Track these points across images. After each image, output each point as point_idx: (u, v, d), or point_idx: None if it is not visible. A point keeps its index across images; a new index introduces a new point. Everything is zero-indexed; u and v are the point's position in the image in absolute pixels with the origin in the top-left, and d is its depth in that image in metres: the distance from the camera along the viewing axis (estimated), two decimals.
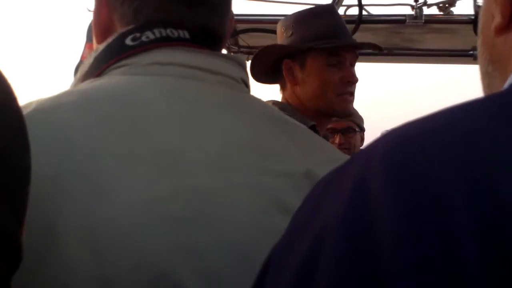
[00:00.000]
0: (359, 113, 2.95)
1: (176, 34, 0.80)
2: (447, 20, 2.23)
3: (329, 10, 1.91)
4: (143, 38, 0.79)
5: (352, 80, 1.85)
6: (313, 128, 1.78)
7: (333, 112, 1.87)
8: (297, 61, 1.85)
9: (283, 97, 1.92)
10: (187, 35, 0.81)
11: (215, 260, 0.67)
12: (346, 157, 0.93)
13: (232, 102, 0.81)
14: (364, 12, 2.16)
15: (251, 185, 0.73)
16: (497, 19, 0.57)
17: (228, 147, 0.74)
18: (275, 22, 2.07)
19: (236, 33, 2.40)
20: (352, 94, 1.87)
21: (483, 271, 0.34)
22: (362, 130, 2.93)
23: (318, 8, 1.93)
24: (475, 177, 0.38)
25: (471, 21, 2.17)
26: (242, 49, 2.59)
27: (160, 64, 0.78)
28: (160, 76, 0.78)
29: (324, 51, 1.81)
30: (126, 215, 0.62)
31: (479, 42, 0.63)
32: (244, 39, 2.49)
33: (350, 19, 2.22)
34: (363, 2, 2.09)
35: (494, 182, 0.37)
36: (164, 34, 0.79)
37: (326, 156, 0.87)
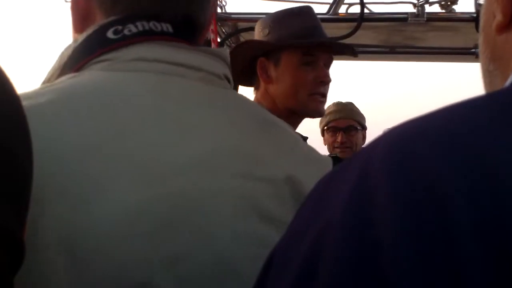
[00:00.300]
0: (363, 113, 2.96)
1: (159, 27, 0.78)
2: (449, 18, 2.22)
3: (307, 10, 1.91)
4: (126, 32, 0.76)
5: (325, 80, 1.85)
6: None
7: (304, 111, 1.88)
8: (271, 59, 1.85)
9: (255, 98, 1.92)
10: (170, 29, 0.79)
11: (194, 268, 0.67)
12: (325, 157, 0.93)
13: (216, 101, 0.80)
14: (365, 10, 2.15)
15: (233, 191, 0.72)
16: (498, 17, 0.57)
17: (213, 150, 0.73)
18: None
19: (238, 31, 2.40)
20: (324, 95, 1.87)
21: (483, 271, 0.34)
22: (364, 128, 2.93)
23: (296, 8, 1.93)
24: (475, 177, 0.38)
25: (473, 19, 2.17)
26: None
27: (144, 60, 0.76)
28: (144, 72, 0.76)
29: (299, 49, 1.82)
30: (106, 223, 0.61)
31: (480, 41, 0.63)
32: (246, 37, 2.49)
33: (352, 17, 2.22)
34: (365, 0, 2.08)
35: (494, 182, 0.37)
36: (147, 27, 0.77)
37: (307, 158, 0.86)
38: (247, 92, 1.99)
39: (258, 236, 0.73)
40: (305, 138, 1.92)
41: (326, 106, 2.90)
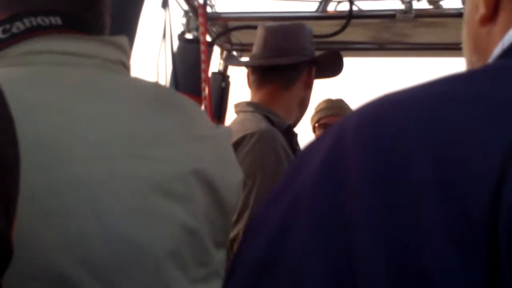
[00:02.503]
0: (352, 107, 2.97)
1: (47, 21, 0.79)
2: (437, 14, 2.23)
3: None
4: (14, 30, 0.77)
5: None
6: (289, 128, 1.89)
7: (296, 124, 2.05)
8: (312, 70, 1.99)
9: (271, 96, 1.94)
10: (59, 21, 0.80)
11: (97, 248, 0.68)
12: (225, 131, 0.95)
13: (111, 87, 0.81)
14: (354, 8, 2.16)
15: (129, 173, 0.73)
16: (481, 10, 0.59)
17: (107, 136, 0.74)
18: (266, 19, 2.08)
19: (228, 30, 2.40)
20: None
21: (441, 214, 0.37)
22: None
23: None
24: (440, 147, 0.40)
25: (461, 15, 2.17)
26: (234, 47, 2.59)
27: (32, 54, 0.77)
28: (34, 65, 0.76)
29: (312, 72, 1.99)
30: None
31: (464, 33, 0.65)
32: (237, 37, 2.50)
33: (341, 15, 2.23)
34: None
35: (457, 152, 0.39)
36: (34, 23, 0.78)
37: (206, 134, 0.87)
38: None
39: (161, 213, 0.74)
40: (295, 135, 1.95)
41: (316, 103, 2.92)
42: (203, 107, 2.09)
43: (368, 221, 0.39)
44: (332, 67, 2.06)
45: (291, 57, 1.90)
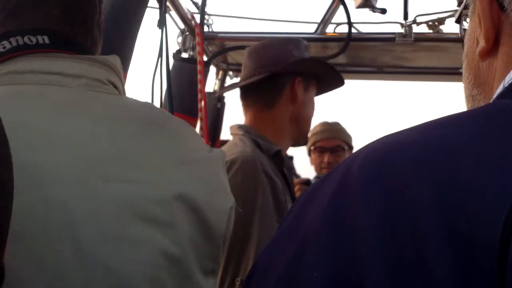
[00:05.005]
0: (351, 133, 2.95)
1: (34, 40, 0.78)
2: (436, 38, 2.23)
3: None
4: (0, 49, 0.77)
5: None
6: (278, 153, 1.79)
7: (299, 140, 1.98)
8: (303, 82, 1.89)
9: (259, 116, 1.90)
10: (46, 40, 0.79)
11: (71, 273, 0.66)
12: (217, 155, 0.91)
13: (96, 108, 0.79)
14: (353, 30, 2.15)
15: (109, 197, 0.71)
16: (482, 43, 0.58)
17: (88, 158, 0.72)
18: (263, 39, 2.06)
19: (225, 50, 2.39)
20: None
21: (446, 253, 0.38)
22: (351, 148, 2.92)
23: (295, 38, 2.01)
24: (441, 185, 0.40)
25: (461, 40, 2.17)
26: (230, 66, 2.58)
27: (17, 73, 0.76)
28: (18, 85, 0.76)
29: (317, 83, 1.94)
30: None
31: (464, 66, 0.64)
32: (233, 57, 2.49)
33: (340, 37, 2.22)
34: (353, 20, 2.08)
35: (458, 191, 0.40)
36: (21, 42, 0.78)
37: (196, 158, 0.85)
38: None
39: (140, 239, 0.72)
40: (291, 157, 1.93)
41: (312, 126, 2.91)
42: (198, 128, 2.07)
43: (377, 275, 0.39)
44: (332, 81, 2.02)
45: (263, 74, 1.84)
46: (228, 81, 2.60)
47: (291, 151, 2.25)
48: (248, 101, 1.92)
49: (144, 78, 1.71)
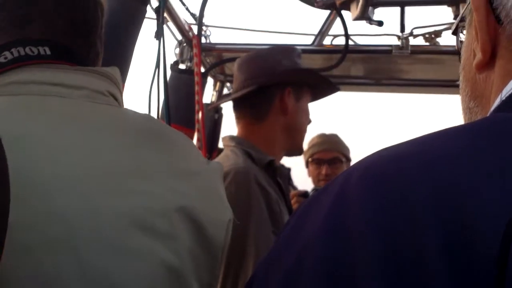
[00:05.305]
0: (348, 145, 2.95)
1: (35, 51, 0.79)
2: (433, 51, 2.23)
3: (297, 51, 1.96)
4: (1, 60, 0.77)
5: (310, 120, 1.96)
6: (271, 163, 1.78)
7: (294, 150, 1.94)
8: (294, 92, 1.87)
9: (250, 127, 1.90)
10: (48, 51, 0.80)
11: (72, 285, 0.67)
12: (215, 167, 0.92)
13: (97, 119, 0.80)
14: (350, 42, 2.16)
15: (110, 208, 0.71)
16: (478, 56, 0.58)
17: (88, 169, 0.72)
18: None
19: (222, 61, 2.39)
20: None
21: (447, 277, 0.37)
22: (348, 160, 2.91)
23: (291, 48, 1.99)
24: (441, 200, 0.40)
25: (457, 52, 2.17)
26: (228, 78, 2.58)
27: (18, 84, 0.76)
28: (19, 96, 0.76)
29: (312, 91, 1.92)
30: None
31: (461, 78, 0.64)
32: (231, 68, 2.49)
33: (337, 49, 2.22)
34: (349, 32, 2.09)
35: (457, 203, 0.40)
36: (22, 53, 0.78)
37: (195, 170, 0.86)
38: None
39: (140, 250, 0.73)
40: (288, 169, 1.92)
41: (310, 138, 2.90)
42: (195, 139, 2.07)
43: (376, 280, 0.39)
44: (326, 88, 2.02)
45: (251, 87, 1.83)
46: (226, 93, 2.60)
47: (288, 162, 2.25)
48: (239, 114, 1.92)
49: (141, 89, 1.71)
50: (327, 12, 2.18)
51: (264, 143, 1.85)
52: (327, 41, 2.29)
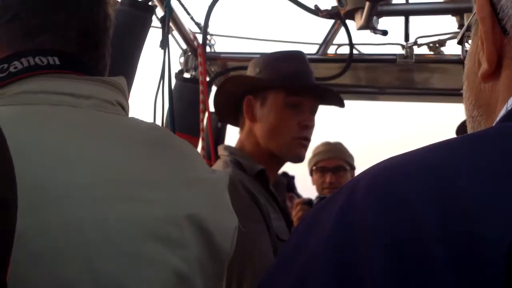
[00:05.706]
0: (353, 153, 2.94)
1: (45, 61, 0.80)
2: (437, 60, 2.24)
3: (298, 55, 1.93)
4: (11, 69, 0.78)
5: (308, 124, 1.85)
6: (262, 172, 1.77)
7: (284, 155, 1.87)
8: (258, 98, 1.86)
9: (239, 138, 1.93)
10: (57, 61, 0.80)
11: None
12: (221, 176, 0.93)
13: (106, 128, 0.81)
14: (354, 51, 2.16)
15: (122, 216, 0.72)
16: (484, 66, 0.58)
17: (101, 178, 0.73)
18: None
19: (227, 70, 2.40)
20: (307, 139, 1.88)
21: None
22: (352, 168, 2.91)
23: (289, 52, 1.96)
24: (446, 207, 0.40)
25: (461, 61, 2.17)
26: None
27: (28, 93, 0.77)
28: (29, 105, 0.77)
29: (284, 90, 1.83)
30: None
31: (464, 87, 0.64)
32: None
33: (341, 58, 2.23)
34: (354, 41, 2.09)
35: (463, 214, 0.39)
36: (32, 63, 0.79)
37: (202, 178, 0.87)
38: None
39: (152, 258, 0.73)
40: (292, 177, 1.91)
41: (314, 146, 2.89)
42: (200, 148, 2.07)
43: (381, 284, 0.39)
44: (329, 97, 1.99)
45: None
46: None
47: (292, 170, 2.24)
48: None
49: (146, 98, 1.72)
50: (332, 21, 2.19)
51: (251, 151, 1.87)
52: (331, 50, 2.30)
